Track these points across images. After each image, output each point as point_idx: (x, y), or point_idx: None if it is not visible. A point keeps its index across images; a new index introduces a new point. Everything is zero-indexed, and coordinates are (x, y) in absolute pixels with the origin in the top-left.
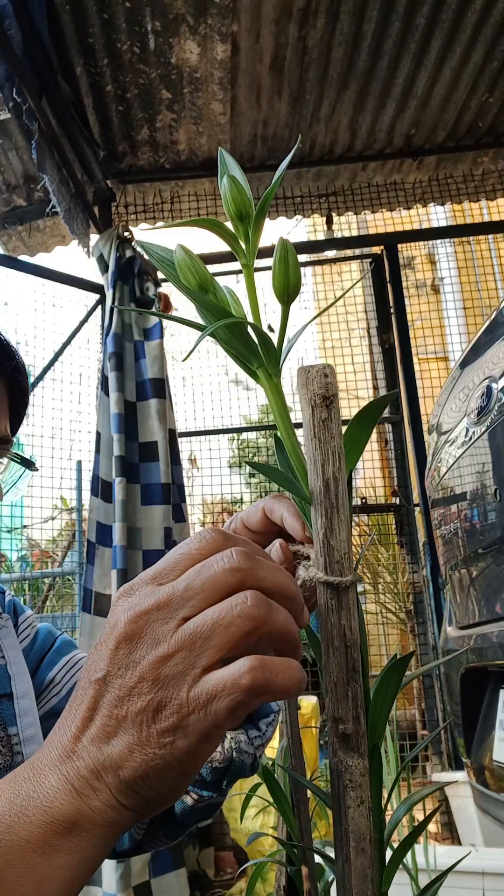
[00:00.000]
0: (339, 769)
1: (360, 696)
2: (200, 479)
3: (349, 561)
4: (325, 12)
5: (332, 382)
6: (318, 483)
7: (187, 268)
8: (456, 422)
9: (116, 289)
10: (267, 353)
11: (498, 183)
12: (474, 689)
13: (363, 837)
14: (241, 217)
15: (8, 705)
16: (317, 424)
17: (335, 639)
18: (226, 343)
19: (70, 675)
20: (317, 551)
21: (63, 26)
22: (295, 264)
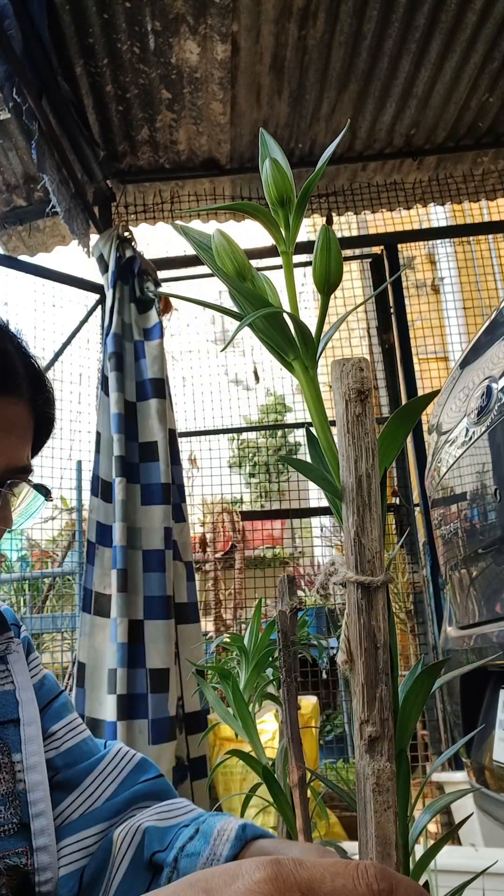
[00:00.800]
0: (366, 773)
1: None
2: (200, 479)
3: (381, 560)
4: (325, 12)
5: (368, 377)
6: (350, 480)
7: (225, 253)
8: (456, 422)
9: (116, 289)
10: (305, 345)
11: (498, 183)
12: (474, 689)
13: (389, 843)
14: (282, 202)
15: (14, 731)
16: (350, 419)
17: (364, 640)
18: (263, 333)
19: (69, 736)
20: (347, 550)
21: (63, 26)
22: (337, 253)
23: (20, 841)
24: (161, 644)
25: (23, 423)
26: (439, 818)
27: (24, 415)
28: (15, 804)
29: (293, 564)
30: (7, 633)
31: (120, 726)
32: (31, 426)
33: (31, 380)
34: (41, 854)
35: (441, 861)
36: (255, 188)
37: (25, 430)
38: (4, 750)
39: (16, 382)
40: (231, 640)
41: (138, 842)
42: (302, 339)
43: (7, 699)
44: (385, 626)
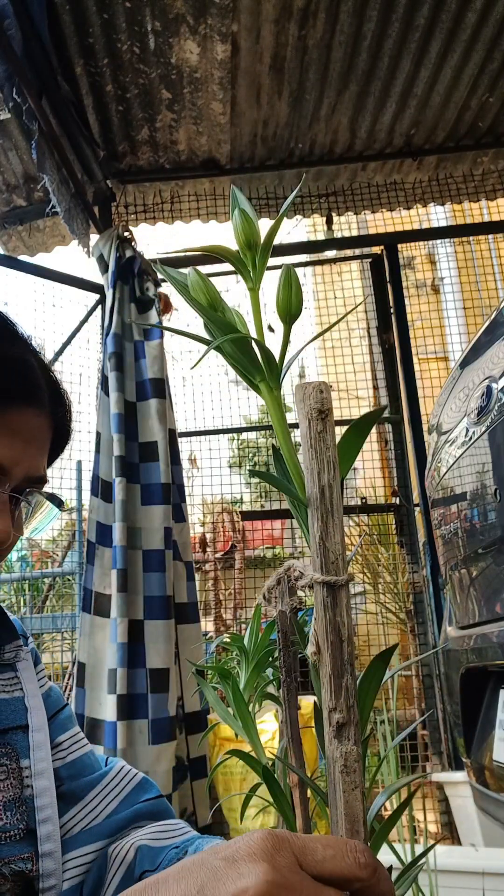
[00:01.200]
0: (334, 756)
1: (353, 688)
2: (200, 479)
3: (343, 561)
4: (325, 12)
5: (328, 398)
6: (314, 490)
7: (199, 288)
8: (456, 422)
9: (116, 289)
10: (269, 368)
11: (498, 183)
12: (474, 689)
13: (357, 820)
14: (249, 246)
15: (22, 737)
16: (313, 436)
17: (330, 634)
18: (231, 357)
19: (74, 749)
20: (313, 553)
21: (63, 26)
22: (298, 289)
23: (26, 846)
24: (161, 644)
25: (43, 434)
26: (439, 817)
27: (45, 426)
28: (21, 809)
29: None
30: (16, 641)
31: (120, 726)
32: (49, 438)
33: (52, 393)
34: (46, 860)
35: (441, 861)
36: (255, 188)
37: (45, 442)
38: (12, 755)
39: (39, 394)
40: (231, 640)
41: (130, 860)
42: (267, 363)
43: (16, 705)
44: (348, 621)
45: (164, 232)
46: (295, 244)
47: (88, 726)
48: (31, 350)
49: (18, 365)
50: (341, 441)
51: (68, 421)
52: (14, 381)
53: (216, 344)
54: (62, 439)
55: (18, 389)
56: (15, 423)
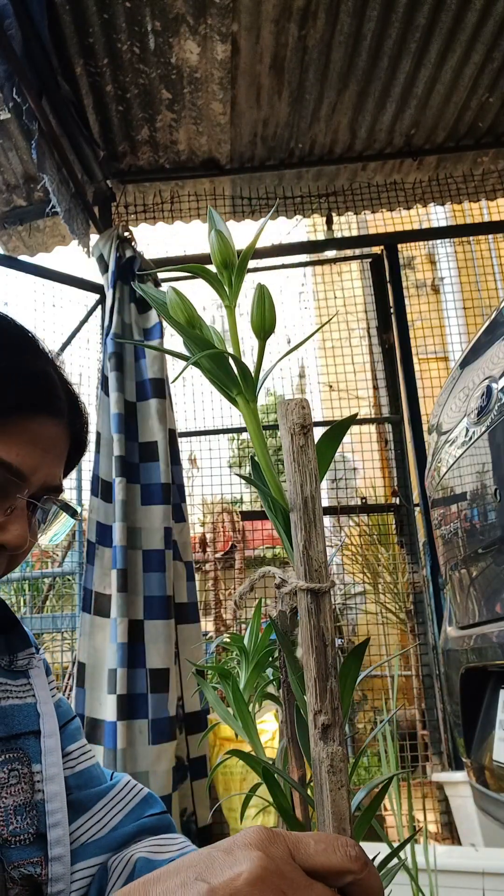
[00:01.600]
0: (320, 757)
1: (337, 691)
2: (200, 479)
3: (326, 569)
4: (325, 12)
5: (309, 413)
6: (297, 501)
7: (177, 306)
8: (456, 422)
9: (116, 289)
10: (245, 382)
11: (498, 183)
12: (474, 689)
13: (344, 818)
14: (225, 265)
15: (34, 742)
16: (296, 450)
17: (315, 639)
18: (209, 372)
19: (83, 759)
20: (297, 561)
21: (63, 26)
22: (271, 307)
23: (36, 851)
24: (161, 644)
25: (61, 443)
26: (439, 817)
27: (63, 436)
28: (32, 814)
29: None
30: (29, 650)
31: (120, 726)
32: (66, 448)
33: (70, 405)
34: (55, 864)
35: (441, 861)
36: (255, 188)
37: (63, 451)
38: (24, 760)
39: (59, 405)
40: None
41: (129, 872)
42: (243, 377)
43: (28, 711)
44: (332, 625)
45: (164, 232)
46: (295, 244)
47: (88, 726)
48: (52, 364)
49: (40, 377)
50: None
51: (85, 432)
52: (36, 392)
53: (193, 360)
54: (79, 450)
55: (40, 400)
56: (35, 432)
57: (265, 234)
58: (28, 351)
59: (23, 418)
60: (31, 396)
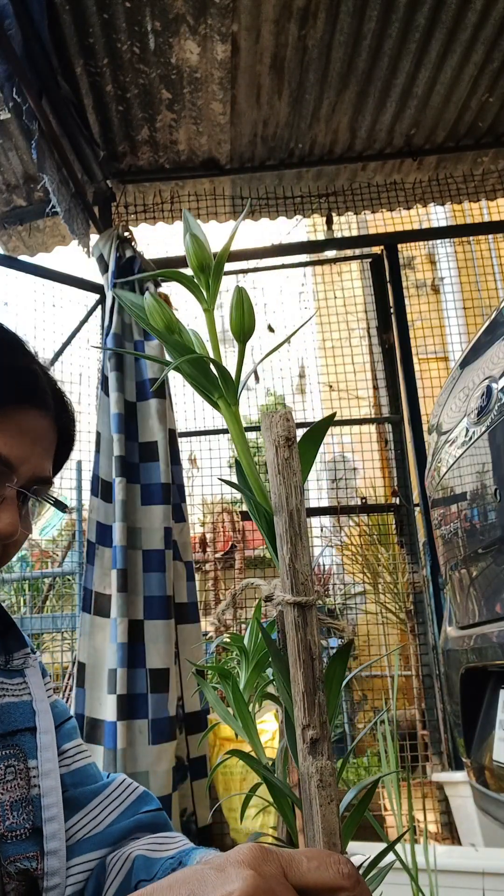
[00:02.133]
0: (309, 772)
1: (325, 705)
2: (200, 479)
3: (312, 582)
4: (325, 12)
5: (293, 426)
6: (283, 514)
7: (156, 312)
8: (456, 422)
9: (116, 289)
10: (226, 385)
11: (498, 183)
12: (474, 689)
13: (334, 832)
14: (202, 269)
15: (30, 738)
16: (280, 462)
17: (302, 652)
18: (189, 377)
19: (79, 758)
20: (283, 574)
21: (63, 26)
22: (250, 309)
23: (31, 845)
24: (161, 644)
25: (49, 436)
26: (439, 817)
27: (51, 429)
28: (28, 809)
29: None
30: (25, 650)
31: (120, 726)
32: (54, 441)
33: (56, 400)
34: (51, 858)
35: (441, 861)
36: (255, 188)
37: (51, 444)
38: (21, 756)
39: (45, 398)
40: (231, 640)
41: (127, 870)
42: (223, 381)
43: (24, 708)
44: (318, 639)
45: (164, 232)
46: (295, 244)
47: (88, 726)
48: (37, 362)
49: (25, 373)
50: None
51: (71, 427)
52: (23, 386)
53: (173, 366)
54: (66, 445)
55: (27, 394)
56: (23, 424)
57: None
58: (14, 350)
59: (11, 410)
60: (18, 390)
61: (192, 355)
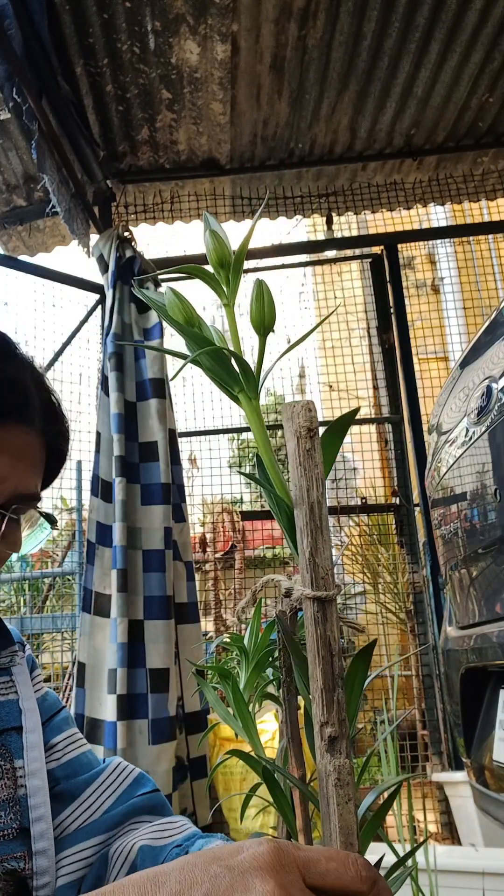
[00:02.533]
0: (327, 770)
1: (344, 702)
2: (200, 479)
3: (332, 577)
4: (325, 12)
5: (315, 416)
6: (303, 507)
7: (176, 307)
8: (456, 422)
9: (116, 289)
10: (246, 379)
11: (498, 183)
12: (474, 689)
13: (351, 832)
14: (222, 265)
15: (17, 738)
16: (302, 454)
17: (321, 648)
18: (210, 370)
19: (70, 749)
20: (303, 569)
21: (63, 26)
22: (270, 302)
23: (19, 845)
24: (161, 644)
25: (34, 451)
26: (439, 817)
27: (36, 444)
28: (15, 809)
29: (293, 564)
30: (11, 647)
31: (120, 726)
32: (42, 456)
33: (45, 412)
34: (39, 858)
35: (441, 861)
36: (255, 188)
37: (37, 460)
38: (7, 756)
39: (28, 412)
40: (231, 640)
41: (132, 861)
42: (244, 375)
43: (10, 707)
44: (338, 634)
45: (164, 232)
46: (295, 244)
47: (88, 726)
48: (27, 368)
49: (8, 385)
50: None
51: (63, 441)
52: (4, 399)
53: (192, 358)
54: (56, 460)
55: (8, 407)
56: (3, 441)
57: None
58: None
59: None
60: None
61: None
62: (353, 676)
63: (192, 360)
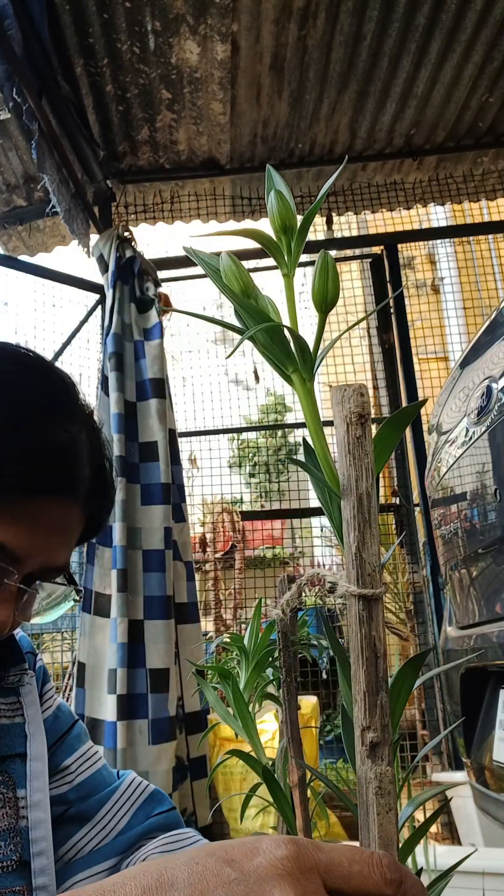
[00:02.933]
0: (368, 777)
1: (387, 706)
2: (200, 479)
3: (380, 574)
4: (325, 12)
5: (367, 401)
6: (351, 498)
7: (232, 274)
8: (456, 422)
9: (116, 289)
10: (303, 359)
11: (498, 183)
12: (474, 689)
13: (391, 843)
14: (285, 230)
15: (20, 766)
16: (351, 441)
17: (365, 649)
18: (264, 347)
19: (83, 768)
20: (349, 564)
21: (63, 26)
22: (335, 276)
23: (18, 879)
24: (161, 644)
25: (71, 525)
26: (439, 817)
27: (75, 518)
28: (16, 840)
29: (293, 564)
30: (21, 665)
31: (120, 726)
32: (80, 529)
33: (94, 484)
34: (40, 893)
35: (441, 861)
36: (255, 188)
37: (72, 533)
38: (9, 784)
39: (74, 486)
40: (231, 640)
41: None
42: (300, 354)
43: (16, 731)
44: (384, 635)
45: (164, 232)
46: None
47: (88, 726)
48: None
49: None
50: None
51: (104, 513)
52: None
53: (250, 333)
54: (93, 530)
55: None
56: (39, 514)
57: None
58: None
59: (25, 497)
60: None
61: (269, 324)
62: (401, 682)
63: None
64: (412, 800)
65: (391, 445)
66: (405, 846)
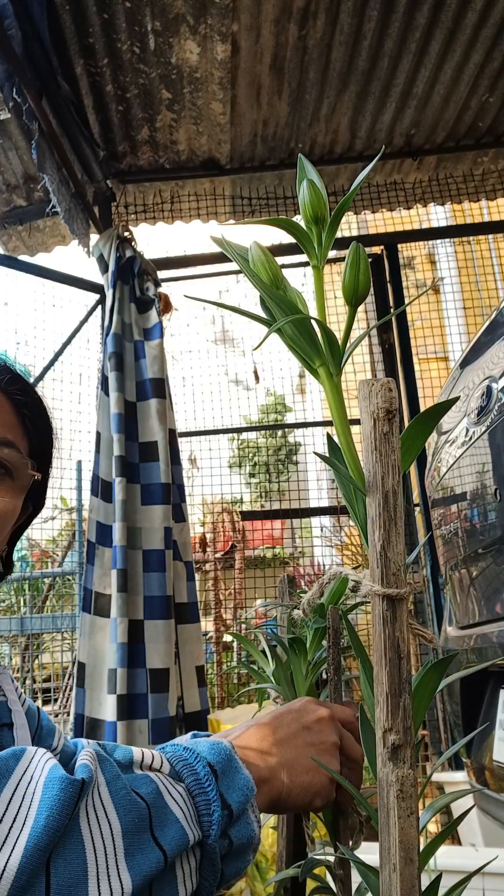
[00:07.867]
0: (389, 780)
1: (410, 708)
2: (200, 479)
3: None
4: (325, 12)
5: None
6: (377, 495)
7: (261, 264)
8: (456, 422)
9: (116, 289)
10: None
11: (498, 183)
12: (474, 689)
13: (412, 847)
14: (316, 220)
15: (8, 734)
16: (378, 437)
17: (389, 650)
18: (291, 339)
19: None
20: (373, 563)
21: (63, 26)
22: (366, 269)
23: None
24: (161, 644)
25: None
26: (439, 818)
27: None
28: None
29: (293, 564)
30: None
31: (120, 726)
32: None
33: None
34: None
35: (441, 861)
36: (255, 188)
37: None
38: None
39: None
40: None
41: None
42: (328, 347)
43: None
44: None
45: (164, 232)
46: (295, 244)
47: (88, 726)
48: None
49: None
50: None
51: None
52: None
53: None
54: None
55: None
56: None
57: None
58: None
59: None
60: None
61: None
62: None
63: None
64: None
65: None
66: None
